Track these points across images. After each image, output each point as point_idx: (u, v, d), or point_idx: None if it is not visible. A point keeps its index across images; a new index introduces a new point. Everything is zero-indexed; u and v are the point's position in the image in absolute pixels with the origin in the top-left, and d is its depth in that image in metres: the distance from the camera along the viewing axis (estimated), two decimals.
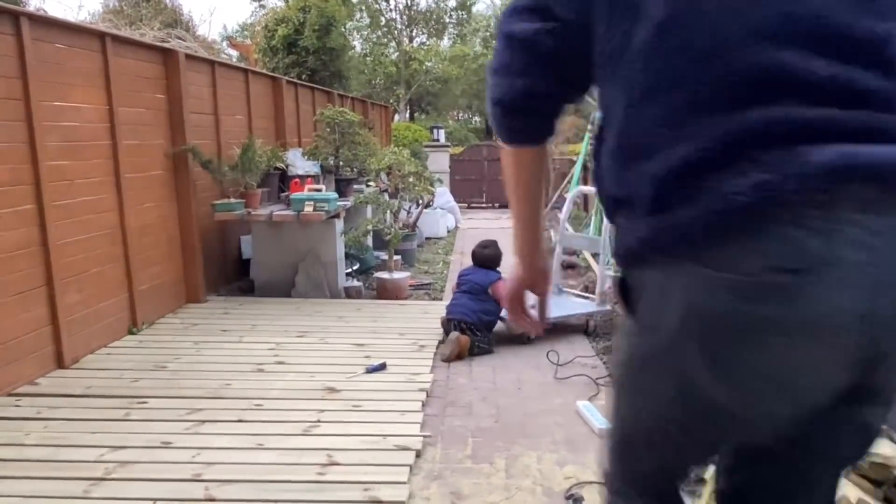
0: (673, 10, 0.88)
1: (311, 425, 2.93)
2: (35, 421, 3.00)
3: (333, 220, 5.46)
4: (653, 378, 1.03)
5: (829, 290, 0.82)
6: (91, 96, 4.01)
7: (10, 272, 3.33)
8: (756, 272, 0.83)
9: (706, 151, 0.86)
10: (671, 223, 0.90)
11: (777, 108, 0.84)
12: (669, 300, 0.93)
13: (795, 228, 0.81)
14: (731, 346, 0.88)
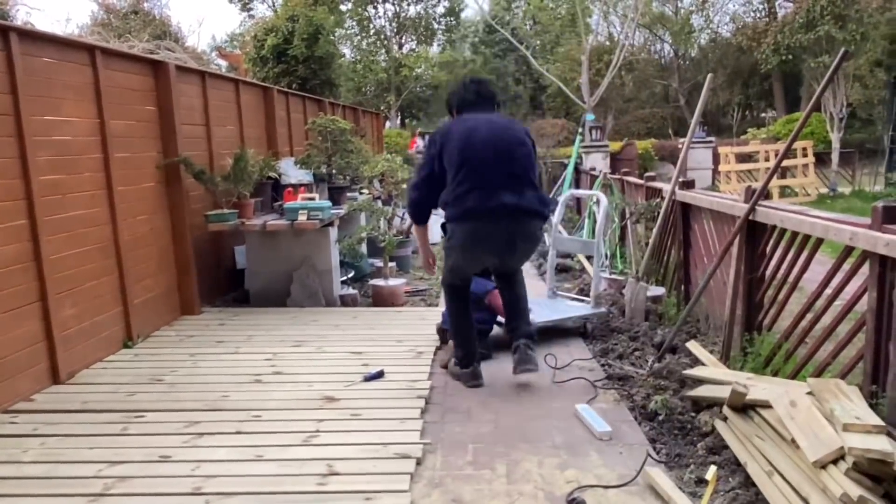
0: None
1: (310, 435, 2.92)
2: (32, 437, 2.97)
3: (328, 229, 5.46)
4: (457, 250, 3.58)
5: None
6: (81, 110, 4.00)
7: (3, 288, 3.31)
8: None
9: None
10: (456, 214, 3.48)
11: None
12: (456, 231, 3.50)
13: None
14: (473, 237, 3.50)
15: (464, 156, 3.43)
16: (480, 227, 3.45)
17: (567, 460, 2.76)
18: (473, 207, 3.41)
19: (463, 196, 3.42)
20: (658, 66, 26.31)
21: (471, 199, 3.41)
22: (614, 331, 4.50)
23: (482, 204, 3.40)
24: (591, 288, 4.68)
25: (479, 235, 3.47)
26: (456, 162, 3.43)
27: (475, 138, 3.46)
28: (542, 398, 3.45)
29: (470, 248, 3.54)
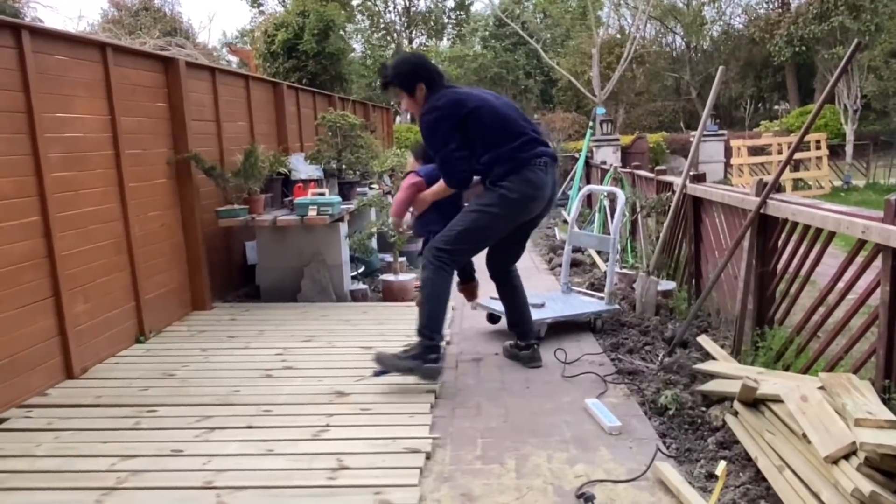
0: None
1: (320, 430, 2.93)
2: (46, 432, 3.01)
3: (337, 224, 5.47)
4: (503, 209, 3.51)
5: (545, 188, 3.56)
6: (93, 107, 4.03)
7: (16, 284, 3.35)
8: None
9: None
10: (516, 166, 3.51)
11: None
12: (514, 185, 3.49)
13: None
14: (534, 185, 3.55)
15: (501, 113, 3.48)
16: (542, 175, 3.48)
17: (576, 455, 2.76)
18: (536, 154, 3.47)
19: (519, 148, 3.45)
20: (670, 58, 26.12)
21: (527, 149, 3.46)
22: (625, 325, 4.48)
23: (542, 151, 3.51)
24: (606, 284, 4.65)
25: (540, 184, 3.49)
26: (493, 121, 3.44)
27: (494, 100, 3.55)
28: (552, 393, 3.45)
29: (525, 202, 3.49)
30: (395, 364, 3.41)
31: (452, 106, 3.45)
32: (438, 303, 3.48)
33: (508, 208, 3.47)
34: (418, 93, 3.52)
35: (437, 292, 3.47)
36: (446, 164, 3.50)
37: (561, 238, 8.06)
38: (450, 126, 3.43)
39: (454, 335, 4.46)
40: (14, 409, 3.25)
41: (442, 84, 3.56)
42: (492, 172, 3.48)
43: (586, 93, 20.02)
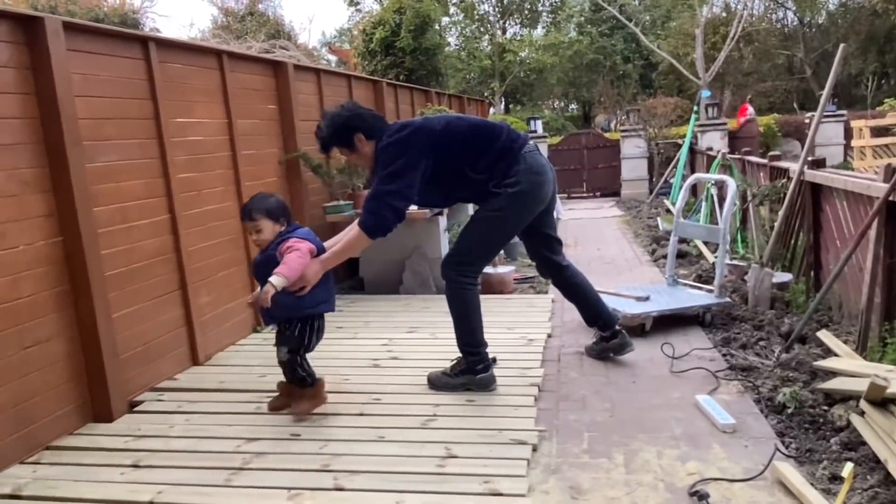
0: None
1: (428, 419, 3.01)
2: (177, 414, 3.26)
3: (437, 218, 5.56)
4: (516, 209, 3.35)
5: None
6: (211, 111, 4.30)
7: (150, 277, 3.64)
8: None
9: None
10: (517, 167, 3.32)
11: None
12: (522, 181, 3.30)
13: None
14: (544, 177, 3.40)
15: (471, 121, 3.41)
16: (539, 158, 3.35)
17: (688, 452, 2.69)
18: (524, 141, 3.34)
19: (507, 141, 3.28)
20: (781, 35, 24.53)
21: (514, 138, 3.32)
22: (736, 319, 4.30)
23: (525, 136, 3.41)
24: (716, 276, 4.47)
25: (541, 168, 3.33)
26: (469, 129, 3.28)
27: (454, 117, 3.47)
28: (660, 388, 3.37)
29: (536, 190, 3.31)
30: (448, 383, 3.37)
31: (419, 131, 3.18)
32: (470, 318, 3.39)
33: (522, 203, 3.30)
34: (358, 144, 3.27)
35: (467, 309, 3.39)
36: (391, 199, 3.10)
37: (664, 228, 7.81)
38: (417, 153, 3.14)
39: (555, 328, 4.43)
40: (148, 393, 3.54)
41: (383, 126, 3.30)
42: (495, 173, 3.25)
43: (689, 75, 19.20)
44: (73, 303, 3.14)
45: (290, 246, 2.94)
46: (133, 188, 3.55)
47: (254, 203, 3.04)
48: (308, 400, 3.11)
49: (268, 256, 3.01)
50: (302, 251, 2.94)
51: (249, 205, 3.05)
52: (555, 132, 17.39)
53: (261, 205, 3.02)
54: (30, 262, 2.93)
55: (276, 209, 3.04)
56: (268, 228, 3.01)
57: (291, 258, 2.89)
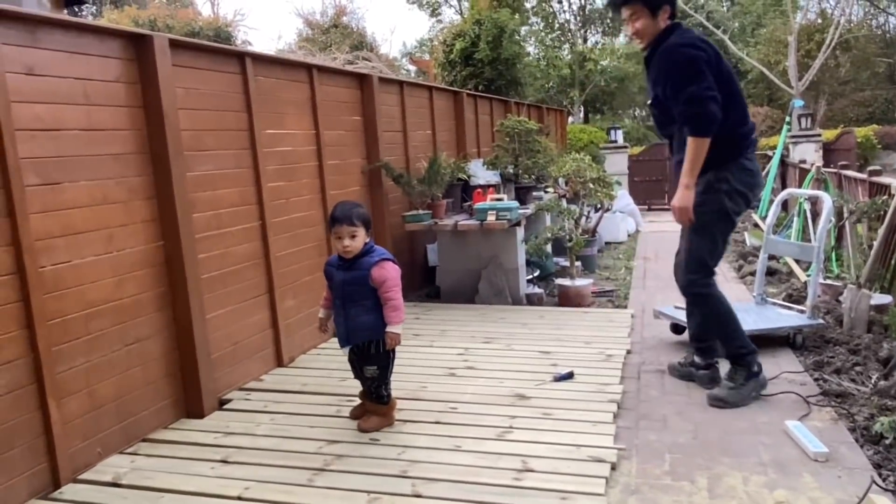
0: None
1: (504, 430, 3.02)
2: (263, 413, 3.40)
3: (514, 228, 5.56)
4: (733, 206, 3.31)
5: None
6: (301, 123, 4.47)
7: (241, 281, 3.81)
8: None
9: None
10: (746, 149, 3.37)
11: None
12: (745, 172, 3.35)
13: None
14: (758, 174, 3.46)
15: (736, 82, 3.30)
16: (756, 164, 3.37)
17: (776, 479, 2.58)
18: (755, 138, 3.37)
19: (747, 129, 3.28)
20: (882, 42, 23.16)
21: (751, 131, 3.33)
22: (830, 342, 4.09)
23: (755, 136, 3.41)
24: (808, 296, 4.25)
25: (758, 171, 3.37)
26: (731, 86, 3.23)
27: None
28: (747, 411, 3.24)
29: (748, 195, 3.32)
30: (740, 396, 3.29)
31: (707, 44, 3.19)
32: (728, 322, 3.40)
33: (738, 203, 3.27)
34: (660, 16, 3.25)
35: (721, 317, 3.40)
36: (697, 105, 3.08)
37: (752, 244, 7.51)
38: (704, 65, 3.11)
39: (635, 344, 4.35)
40: (236, 392, 3.70)
41: (679, 25, 3.32)
42: (714, 152, 3.16)
43: (781, 84, 18.41)
44: (172, 303, 3.33)
45: (390, 283, 3.01)
46: (228, 196, 3.74)
47: (352, 209, 3.01)
48: (380, 417, 3.13)
49: (358, 277, 3.00)
50: (399, 289, 3.07)
51: (347, 210, 3.00)
52: (635, 142, 17.05)
53: (359, 212, 3.02)
54: (134, 264, 3.13)
55: (369, 220, 3.09)
56: (361, 237, 3.01)
57: (399, 300, 3.03)
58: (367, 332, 3.04)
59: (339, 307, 3.08)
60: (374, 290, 3.00)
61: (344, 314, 3.07)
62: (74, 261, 2.83)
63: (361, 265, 3.01)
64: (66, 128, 2.81)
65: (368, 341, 3.07)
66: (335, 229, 3.00)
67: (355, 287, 3.01)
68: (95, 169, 2.94)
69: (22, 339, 2.59)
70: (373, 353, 3.08)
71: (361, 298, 3.02)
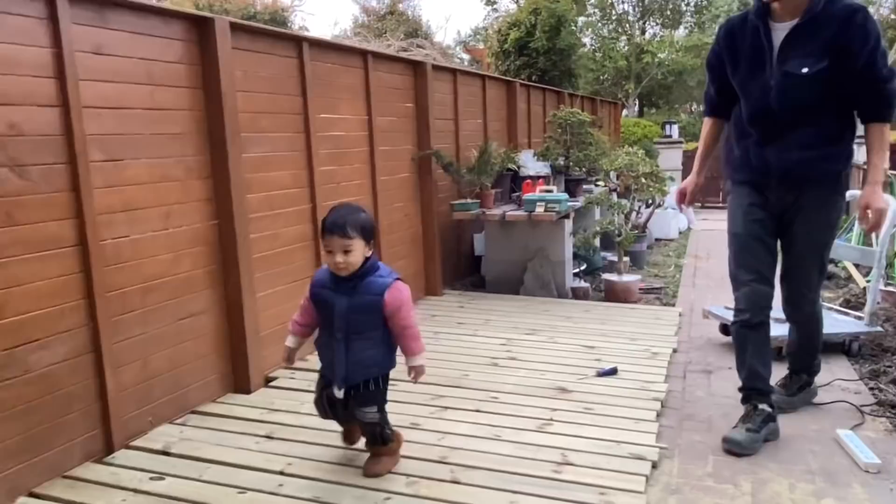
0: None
1: (544, 423, 3.01)
2: (307, 392, 3.44)
3: (563, 221, 5.51)
4: None
5: None
6: (354, 108, 4.51)
7: (290, 262, 3.89)
8: None
9: None
10: None
11: None
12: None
13: None
14: None
15: None
16: None
17: (824, 488, 2.51)
18: None
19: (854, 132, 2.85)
20: None
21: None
22: (887, 351, 3.93)
23: None
24: (867, 303, 4.09)
25: None
26: None
27: None
28: (796, 418, 3.15)
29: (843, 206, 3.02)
30: (791, 402, 3.20)
31: None
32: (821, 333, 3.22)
33: (840, 216, 2.97)
34: None
35: (820, 333, 3.21)
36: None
37: None
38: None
39: (682, 343, 4.26)
40: (281, 370, 3.78)
41: None
42: (843, 152, 2.83)
43: None
44: (223, 281, 3.42)
45: (408, 308, 2.51)
46: (280, 178, 3.80)
47: (347, 216, 2.38)
48: (390, 456, 2.64)
49: (368, 304, 2.43)
50: (415, 311, 2.59)
51: (341, 217, 2.38)
52: (691, 137, 16.64)
53: (355, 219, 2.39)
54: (189, 242, 3.23)
55: (370, 229, 2.44)
56: (357, 252, 2.39)
57: (417, 327, 2.57)
58: (373, 369, 2.52)
59: (339, 341, 2.47)
60: (383, 317, 2.47)
61: (346, 349, 2.47)
62: (133, 235, 2.93)
63: (371, 288, 2.43)
64: (130, 106, 2.91)
65: (368, 379, 2.53)
66: (325, 241, 2.40)
67: (364, 316, 2.44)
68: (156, 147, 3.03)
69: (82, 308, 2.70)
70: (372, 391, 2.54)
71: (370, 329, 2.46)
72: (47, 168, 2.56)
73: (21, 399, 2.48)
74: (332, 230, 2.37)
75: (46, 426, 2.58)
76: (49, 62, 2.55)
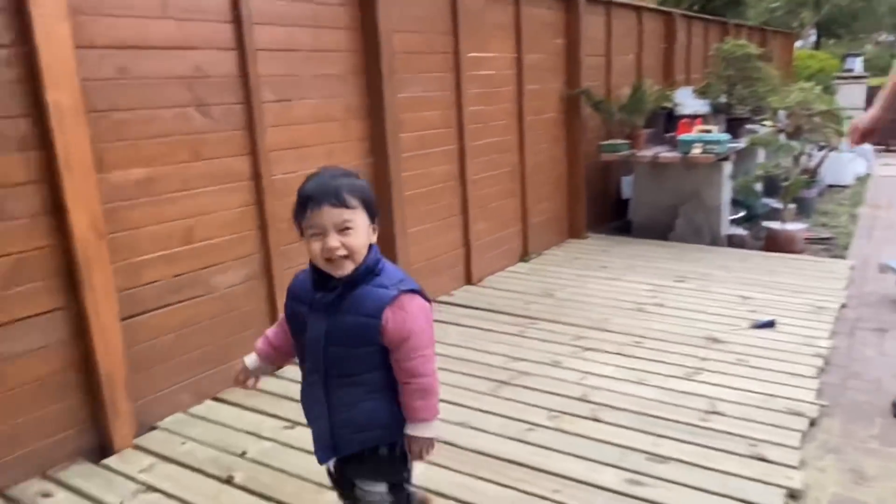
0: None
1: (692, 371, 2.93)
2: (452, 325, 3.61)
3: (721, 163, 5.18)
4: None
5: None
6: (504, 46, 4.46)
7: (437, 201, 4.00)
8: None
9: None
10: None
11: None
12: None
13: None
14: None
15: None
16: None
17: None
18: None
19: None
20: None
21: None
22: None
23: None
24: None
25: None
26: None
27: None
28: None
29: None
30: None
31: None
32: None
33: None
34: None
35: None
36: None
37: None
38: None
39: (851, 298, 3.92)
40: None
41: None
42: None
43: None
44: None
45: (418, 340, 1.49)
46: (431, 118, 3.89)
47: (338, 177, 1.50)
48: None
49: (354, 327, 1.48)
50: (433, 347, 1.57)
51: (328, 180, 1.49)
52: (878, 72, 14.74)
53: (352, 183, 1.50)
54: None
55: (373, 201, 1.54)
56: (361, 230, 1.48)
57: (432, 376, 1.55)
58: (374, 433, 1.56)
59: (313, 384, 1.56)
60: (384, 349, 1.50)
61: (327, 400, 1.54)
62: (300, 171, 3.13)
63: (362, 304, 1.48)
64: (297, 48, 3.08)
65: (366, 449, 1.58)
66: (309, 217, 1.47)
67: (351, 348, 1.50)
68: (319, 88, 3.20)
69: (256, 237, 2.98)
70: (382, 461, 1.59)
71: (362, 369, 1.52)
72: (227, 108, 2.80)
73: (205, 315, 2.81)
74: (320, 199, 1.44)
75: (227, 341, 2.90)
76: (227, 7, 2.76)
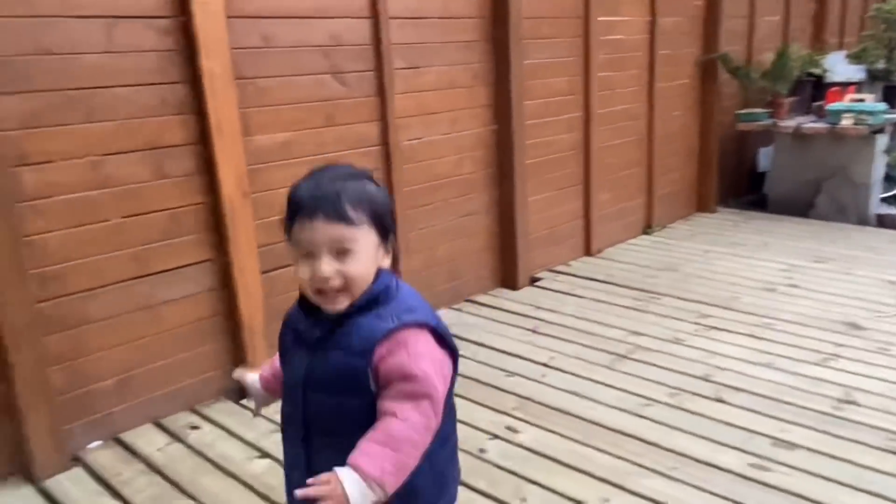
0: None
1: (827, 357, 2.76)
2: (569, 296, 3.60)
3: (874, 136, 4.73)
4: None
5: None
6: (637, 9, 4.28)
7: (560, 170, 3.96)
8: None
9: None
10: None
11: None
12: None
13: None
14: None
15: None
16: None
17: None
18: None
19: None
20: None
21: None
22: None
23: None
24: None
25: None
26: None
27: None
28: None
29: None
30: None
31: None
32: None
33: None
34: None
35: None
36: None
37: None
38: None
39: None
40: (546, 272, 3.95)
41: None
42: None
43: None
44: (499, 184, 3.62)
45: (424, 384, 1.10)
46: (557, 85, 3.83)
47: (340, 180, 1.13)
48: None
49: (341, 370, 1.13)
50: (441, 397, 1.13)
51: (326, 184, 1.12)
52: None
53: (358, 190, 1.13)
54: (472, 145, 3.46)
55: (387, 213, 1.18)
56: (365, 254, 1.13)
57: (417, 439, 1.10)
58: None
59: (292, 440, 1.24)
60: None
61: (305, 455, 1.20)
62: (426, 138, 3.23)
63: (350, 336, 1.14)
64: (427, 16, 3.13)
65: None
66: (296, 231, 1.12)
67: (335, 397, 1.15)
68: (447, 55, 3.24)
69: None
70: None
71: (348, 427, 1.12)
72: (359, 75, 2.91)
73: None
74: (313, 208, 1.10)
75: None
76: None
